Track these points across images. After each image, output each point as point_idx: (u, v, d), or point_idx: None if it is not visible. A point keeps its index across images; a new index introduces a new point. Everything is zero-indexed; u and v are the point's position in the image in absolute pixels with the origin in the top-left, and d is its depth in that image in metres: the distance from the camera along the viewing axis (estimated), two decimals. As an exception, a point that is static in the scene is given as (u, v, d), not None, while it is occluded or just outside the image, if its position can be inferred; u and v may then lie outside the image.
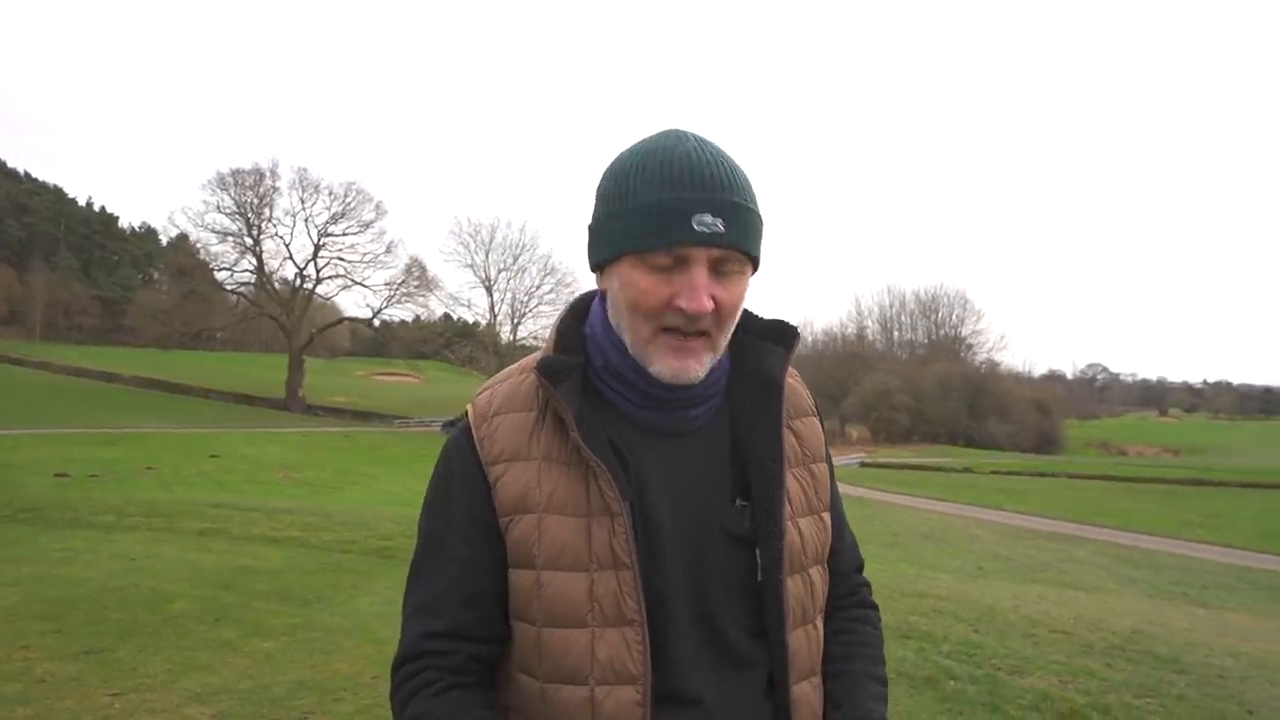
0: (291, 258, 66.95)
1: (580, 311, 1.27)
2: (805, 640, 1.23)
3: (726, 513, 1.18)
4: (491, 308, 68.03)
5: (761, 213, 1.13)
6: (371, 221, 66.43)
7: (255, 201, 63.29)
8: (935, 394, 79.04)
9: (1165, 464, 65.88)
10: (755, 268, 1.16)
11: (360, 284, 67.76)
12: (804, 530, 1.23)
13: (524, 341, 68.74)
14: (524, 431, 1.17)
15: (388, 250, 67.22)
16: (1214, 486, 42.44)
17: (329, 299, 72.72)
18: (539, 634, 1.14)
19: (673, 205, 1.07)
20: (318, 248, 66.21)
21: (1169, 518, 29.56)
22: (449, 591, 1.17)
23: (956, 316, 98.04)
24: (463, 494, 1.18)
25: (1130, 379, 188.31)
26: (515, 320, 68.11)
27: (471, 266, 67.17)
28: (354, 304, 79.57)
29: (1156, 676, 5.54)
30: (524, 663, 1.17)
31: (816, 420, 1.33)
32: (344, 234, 66.49)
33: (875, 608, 1.42)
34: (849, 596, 1.37)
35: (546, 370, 1.16)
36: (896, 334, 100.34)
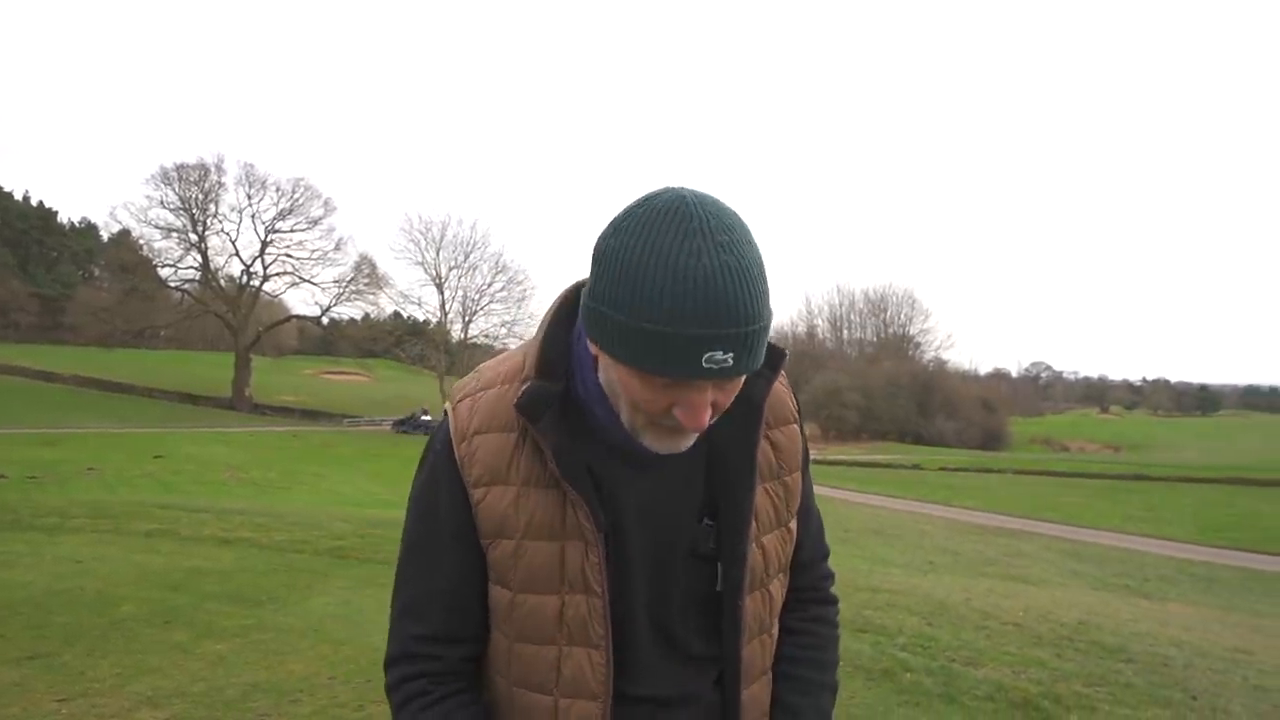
0: (238, 254, 65.99)
1: (568, 311, 1.21)
2: (759, 649, 1.28)
3: (693, 532, 1.21)
4: (442, 305, 67.64)
5: (772, 315, 1.04)
6: (320, 218, 65.72)
7: (200, 197, 62.28)
8: (884, 392, 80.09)
9: (1107, 460, 67.49)
10: None
11: (308, 281, 67.03)
12: (768, 546, 1.26)
13: (475, 340, 68.36)
14: (504, 454, 1.17)
15: (337, 247, 66.57)
16: (1153, 481, 43.58)
17: (276, 296, 71.77)
18: (511, 646, 1.20)
19: (683, 341, 0.97)
20: (265, 244, 65.34)
21: (1111, 512, 30.30)
22: (435, 597, 1.21)
23: (905, 315, 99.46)
24: (448, 505, 1.19)
25: (1073, 377, 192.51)
26: (466, 318, 67.77)
27: (422, 264, 66.80)
28: (302, 302, 78.93)
29: (1104, 666, 5.66)
30: (497, 666, 1.23)
31: (797, 427, 1.32)
32: (292, 231, 65.72)
33: (835, 602, 1.44)
34: (810, 591, 1.39)
35: (525, 409, 1.13)
36: (846, 333, 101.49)
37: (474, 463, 1.17)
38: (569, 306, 1.20)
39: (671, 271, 0.96)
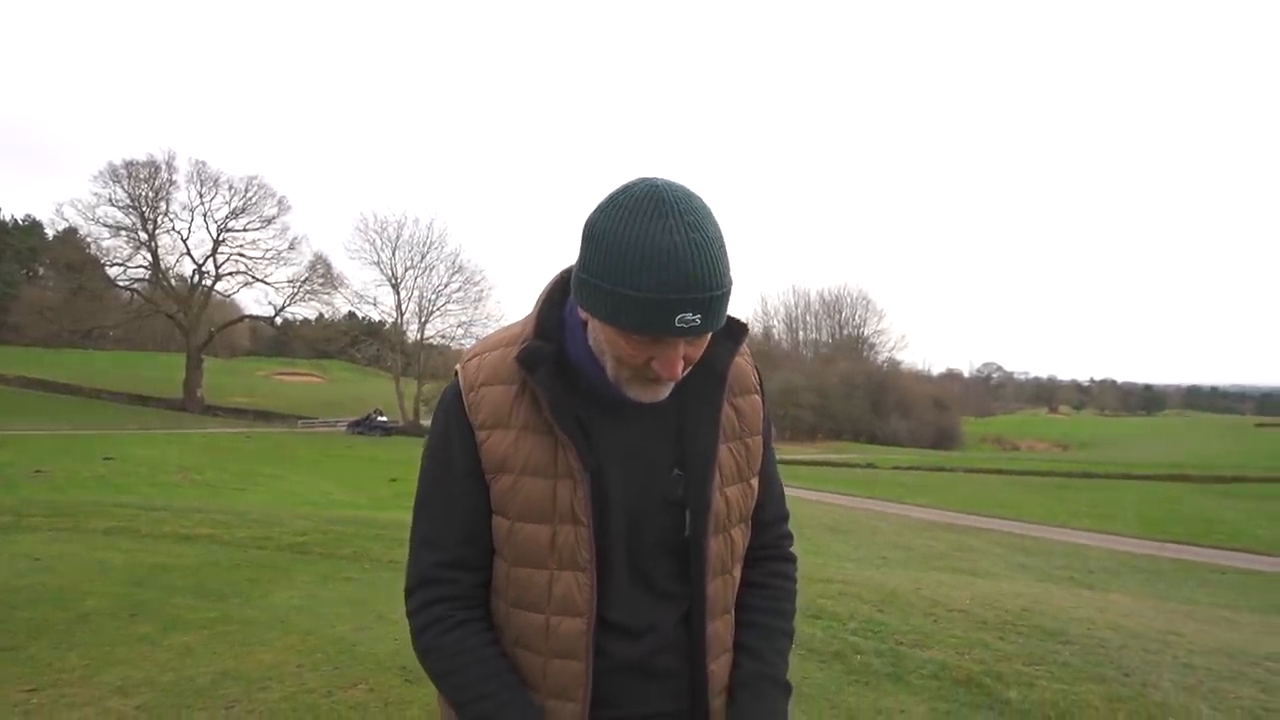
0: (189, 253, 64.99)
1: (560, 290, 1.42)
2: (722, 587, 1.46)
3: (665, 481, 1.40)
4: (398, 306, 67.16)
5: (732, 282, 1.25)
6: (274, 217, 64.99)
7: (150, 195, 61.26)
8: (839, 392, 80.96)
9: (1055, 458, 68.85)
10: None
11: (262, 281, 66.23)
12: (730, 497, 1.45)
13: (431, 340, 67.90)
14: (506, 403, 1.36)
15: (291, 247, 65.83)
16: (1099, 479, 44.51)
17: (229, 296, 70.77)
18: (509, 570, 1.39)
19: (658, 305, 1.18)
20: (217, 243, 64.46)
21: (1058, 508, 30.95)
22: (451, 528, 1.39)
23: (859, 317, 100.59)
24: (460, 447, 1.38)
25: (1023, 377, 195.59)
26: (423, 318, 67.29)
27: (378, 264, 66.24)
28: (255, 302, 77.80)
29: (1044, 647, 5.93)
30: (496, 588, 1.41)
31: (758, 397, 1.52)
32: (245, 230, 64.94)
33: (793, 560, 1.63)
34: (770, 548, 1.58)
35: (524, 361, 1.34)
36: (802, 334, 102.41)
37: (480, 409, 1.37)
38: (561, 284, 1.42)
39: (648, 247, 1.18)
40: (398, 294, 66.66)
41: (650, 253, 1.17)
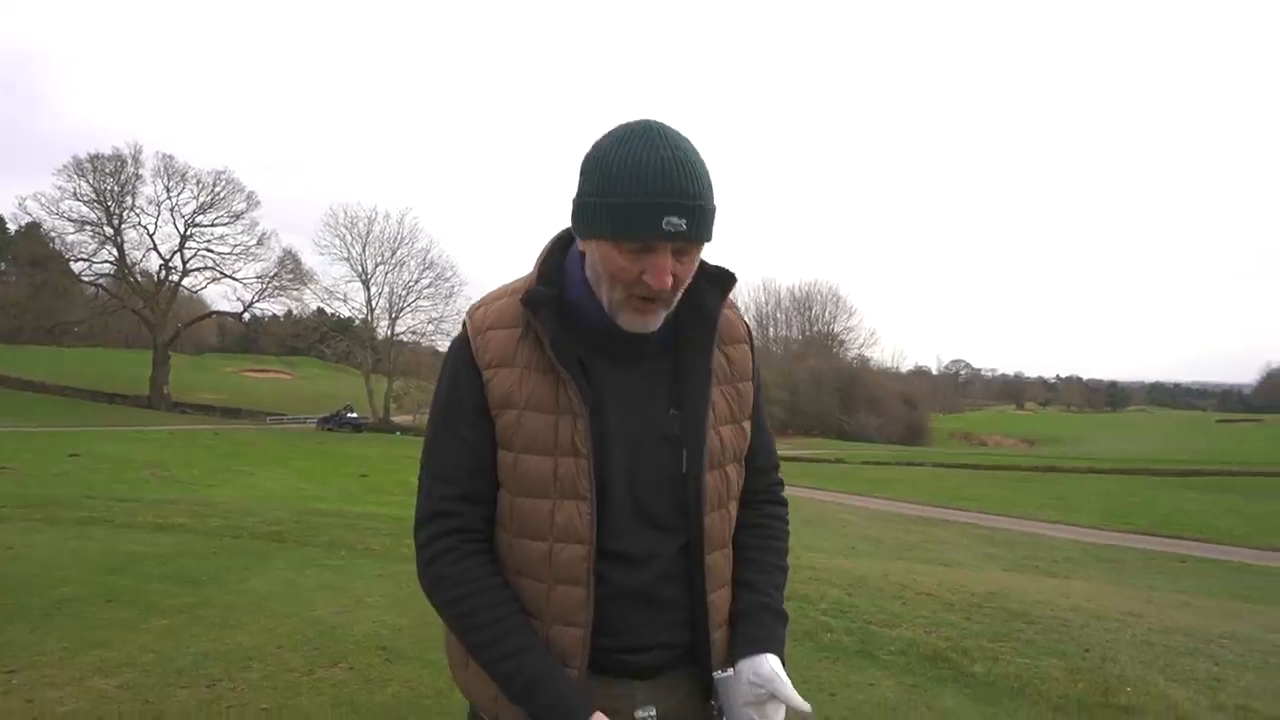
0: (156, 248, 64.12)
1: (561, 245, 1.53)
2: (719, 520, 1.53)
3: (662, 419, 1.48)
4: (369, 302, 66.65)
5: (716, 203, 1.38)
6: (243, 212, 64.35)
7: (116, 189, 60.33)
8: (809, 388, 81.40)
9: (1021, 453, 69.77)
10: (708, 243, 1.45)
11: (230, 277, 65.51)
12: (724, 435, 1.53)
13: (401, 336, 67.53)
14: (510, 344, 1.46)
15: (260, 242, 65.17)
16: (1064, 473, 45.26)
17: (196, 292, 69.89)
18: (513, 501, 1.46)
19: (645, 208, 1.30)
20: (184, 238, 63.70)
21: (1024, 501, 31.45)
22: (461, 462, 1.47)
23: (829, 313, 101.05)
24: (467, 387, 1.47)
25: (990, 374, 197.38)
26: (394, 314, 66.92)
27: (348, 259, 65.68)
28: (223, 298, 76.86)
29: (1009, 626, 6.11)
30: (501, 521, 1.49)
31: (747, 346, 1.62)
32: (213, 225, 64.21)
33: (785, 504, 1.73)
34: (764, 493, 1.67)
35: (529, 301, 1.44)
36: (772, 330, 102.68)
37: (486, 351, 1.46)
38: (561, 241, 1.52)
39: (636, 162, 1.31)
40: (368, 290, 66.29)
41: (637, 166, 1.31)
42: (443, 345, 65.07)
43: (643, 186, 1.30)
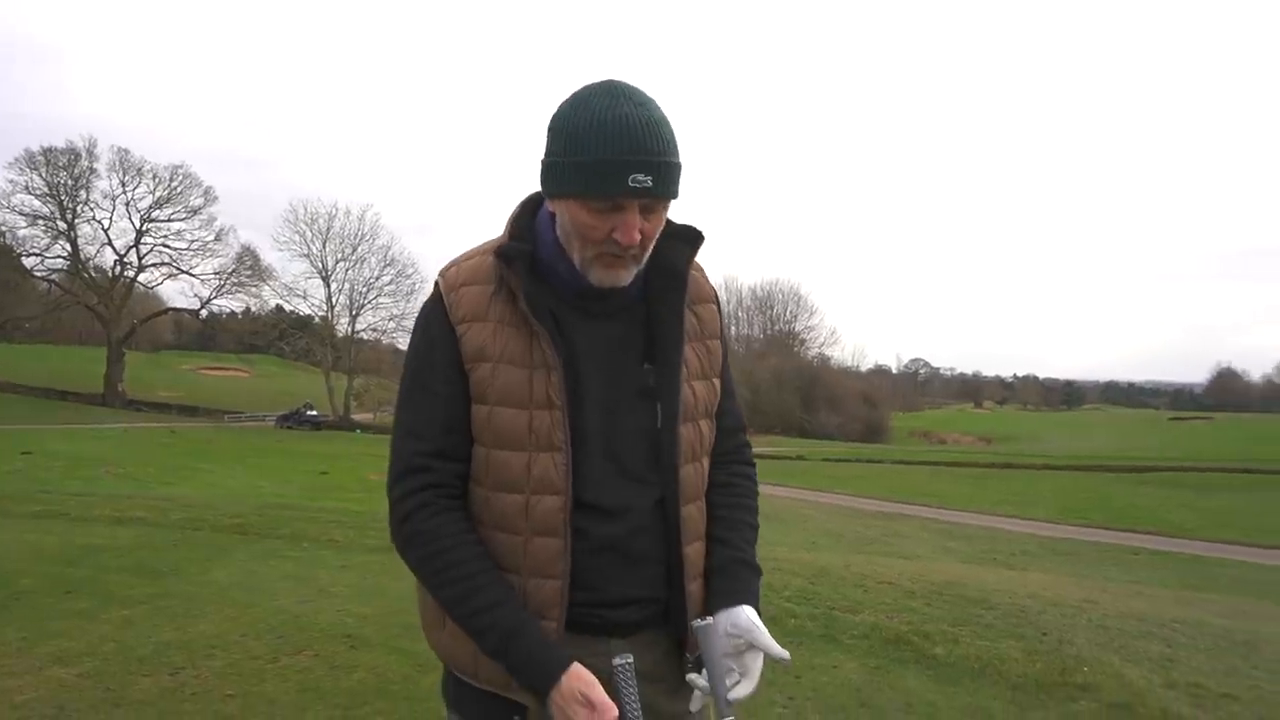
0: (110, 244, 62.99)
1: (531, 206, 1.54)
2: (693, 473, 1.56)
3: (637, 374, 1.51)
4: (329, 299, 65.92)
5: (681, 160, 1.41)
6: (200, 207, 63.36)
7: (69, 183, 59.20)
8: (770, 387, 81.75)
9: (980, 451, 70.52)
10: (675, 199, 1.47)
11: (187, 273, 64.50)
12: (697, 390, 1.56)
13: (362, 334, 66.96)
14: (484, 300, 1.47)
15: (217, 238, 64.23)
16: (1021, 470, 45.89)
17: (152, 288, 68.73)
18: (488, 454, 1.46)
19: (612, 166, 1.32)
20: (140, 234, 62.61)
21: (982, 497, 31.90)
22: (434, 418, 1.47)
23: (791, 312, 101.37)
24: (440, 343, 1.47)
25: (949, 373, 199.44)
26: (354, 312, 66.32)
27: (308, 256, 64.98)
28: (180, 294, 75.10)
29: (968, 612, 6.21)
30: (476, 476, 1.49)
31: (714, 306, 1.65)
32: (169, 220, 63.16)
33: (753, 464, 1.76)
34: (733, 453, 1.70)
35: (503, 254, 1.45)
36: (734, 329, 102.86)
37: (459, 306, 1.47)
38: (531, 203, 1.55)
39: (601, 120, 1.33)
40: (328, 287, 65.61)
41: (602, 124, 1.33)
42: (403, 343, 64.49)
43: (609, 145, 1.32)
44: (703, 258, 1.61)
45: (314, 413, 60.97)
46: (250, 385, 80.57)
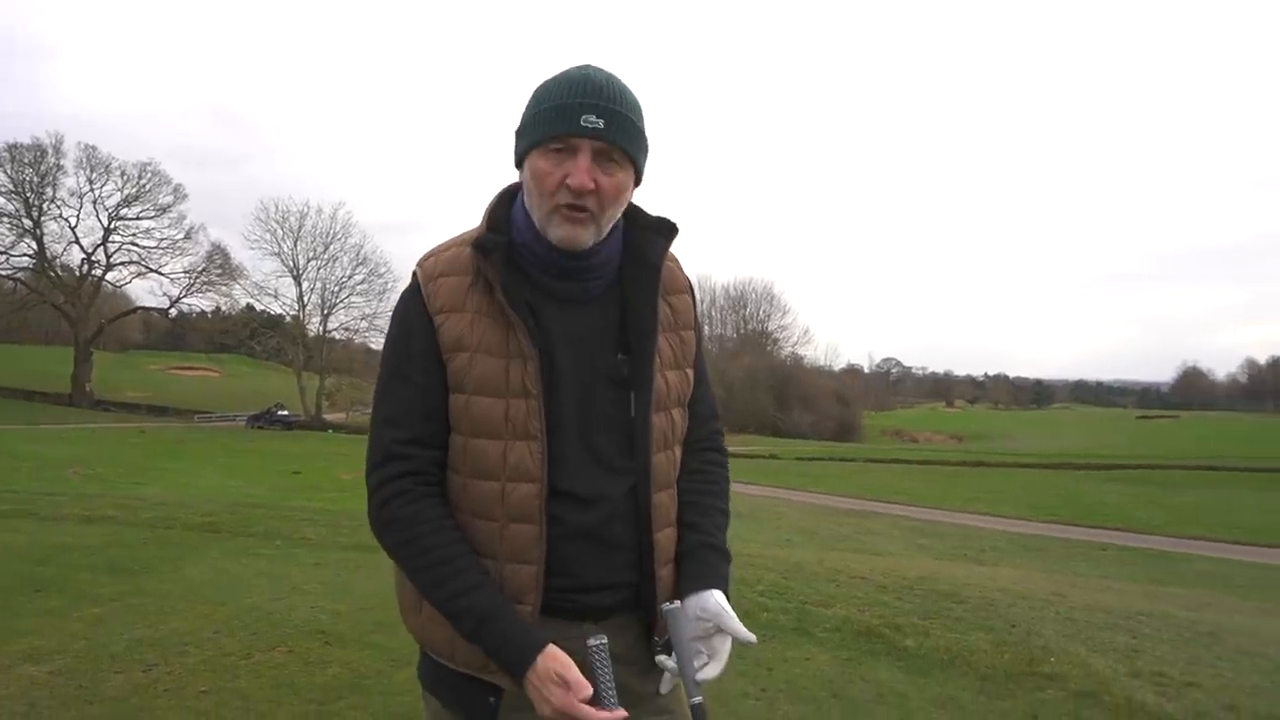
0: (78, 242, 62.11)
1: (507, 198, 1.58)
2: (665, 461, 1.59)
3: (611, 363, 1.54)
4: (300, 298, 65.25)
5: (646, 132, 1.48)
6: (169, 205, 62.64)
7: (36, 180, 58.40)
8: (744, 386, 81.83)
9: (951, 449, 71.15)
10: (637, 174, 1.51)
11: (156, 271, 63.73)
12: (670, 380, 1.59)
13: (334, 333, 66.42)
14: (461, 291, 1.49)
15: (187, 236, 63.56)
16: (991, 467, 46.34)
17: (120, 287, 67.85)
18: (466, 442, 1.49)
19: (565, 109, 1.40)
20: (108, 232, 61.83)
21: (953, 494, 32.19)
22: (412, 407, 1.50)
23: (764, 312, 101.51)
24: (418, 334, 1.50)
25: (921, 373, 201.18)
26: (325, 311, 65.67)
27: (279, 255, 64.18)
28: (149, 293, 73.94)
29: (939, 605, 6.29)
30: (453, 463, 1.52)
31: (689, 297, 1.68)
32: (138, 218, 62.45)
33: (725, 452, 1.79)
34: (705, 441, 1.73)
35: (480, 246, 1.48)
36: (707, 328, 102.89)
37: (437, 297, 1.49)
38: (507, 193, 1.58)
39: (563, 77, 1.46)
40: (299, 286, 64.91)
41: (565, 79, 1.45)
42: (375, 343, 64.31)
43: (565, 92, 1.42)
44: (675, 256, 1.65)
45: (285, 413, 60.51)
46: (221, 385, 79.89)
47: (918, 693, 4.31)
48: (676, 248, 1.62)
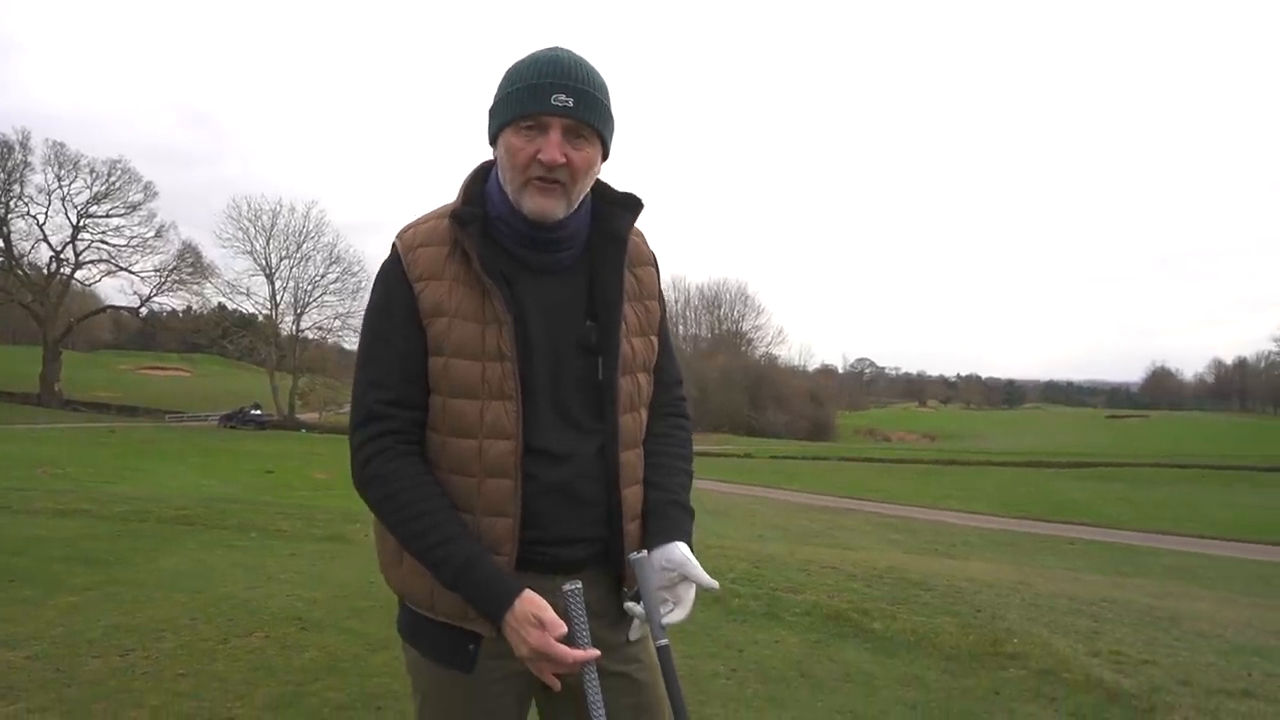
0: (46, 239, 61.30)
1: (482, 173, 1.67)
2: (631, 422, 1.69)
3: (580, 330, 1.63)
4: (273, 297, 64.77)
5: (612, 109, 1.57)
6: (140, 203, 61.95)
7: (2, 177, 57.56)
8: (718, 385, 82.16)
9: (923, 448, 71.73)
10: (605, 149, 1.60)
11: (126, 270, 63.05)
12: (635, 346, 1.69)
13: (307, 332, 66.01)
14: (440, 260, 1.58)
15: (158, 234, 62.86)
16: (964, 466, 46.79)
17: (89, 285, 67.08)
18: (444, 403, 1.57)
19: (537, 89, 1.49)
20: (77, 229, 61.07)
21: (925, 492, 32.51)
22: (393, 370, 1.58)
23: (738, 312, 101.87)
24: (399, 300, 1.58)
25: (894, 373, 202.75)
26: (299, 310, 65.18)
27: (251, 253, 63.68)
28: (119, 291, 73.17)
29: (907, 592, 6.41)
30: (432, 423, 1.60)
31: (653, 269, 1.78)
32: (108, 215, 61.73)
33: (688, 417, 1.88)
34: (669, 406, 1.82)
35: (457, 218, 1.57)
36: (681, 328, 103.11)
37: (416, 265, 1.58)
38: (482, 169, 1.67)
39: (533, 58, 1.55)
40: (272, 285, 64.43)
41: (535, 60, 1.54)
42: (349, 342, 64.01)
43: (536, 73, 1.51)
44: (641, 231, 1.74)
45: (259, 412, 60.09)
46: (192, 385, 79.23)
47: (884, 672, 4.42)
48: (644, 225, 1.72)
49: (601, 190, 1.67)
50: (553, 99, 1.48)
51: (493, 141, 1.60)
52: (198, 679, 4.04)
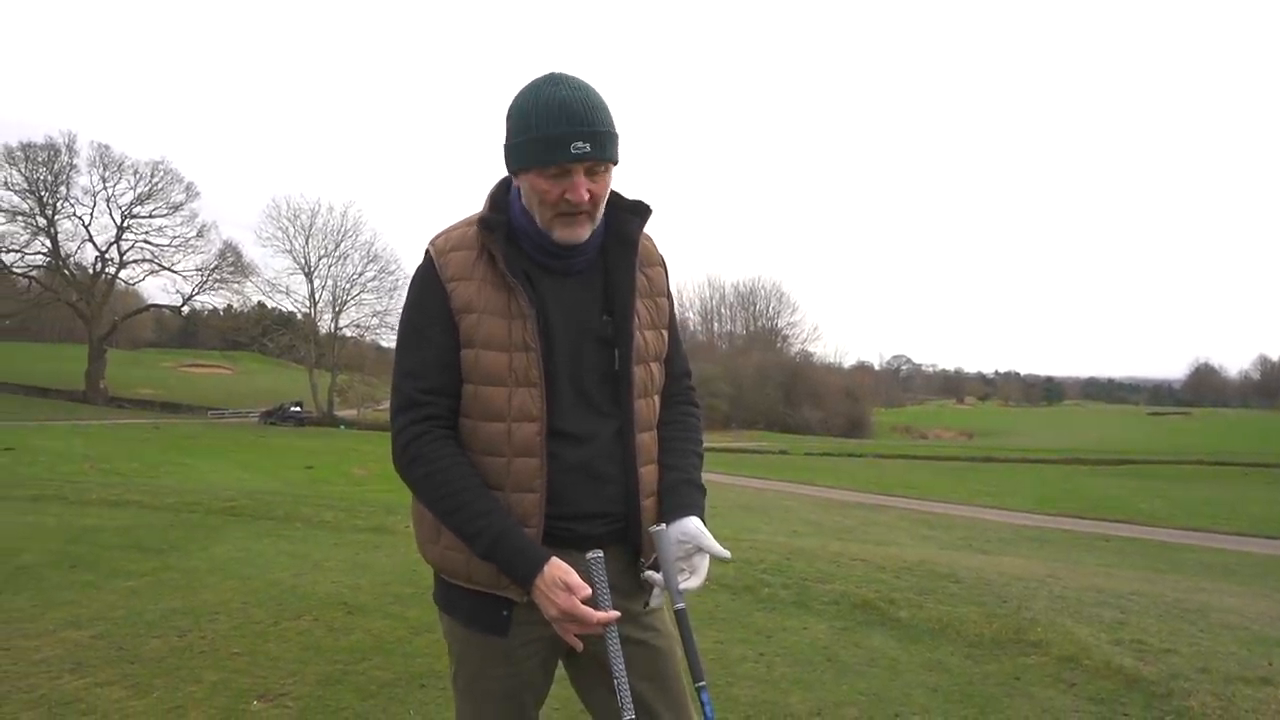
0: (91, 240, 62.78)
1: (505, 184, 1.85)
2: (645, 407, 1.88)
3: (597, 324, 1.82)
4: (311, 295, 65.67)
5: (617, 128, 1.72)
6: (182, 203, 63.21)
7: (49, 179, 58.97)
8: (753, 382, 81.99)
9: (960, 445, 71.14)
10: (615, 164, 1.77)
11: (169, 269, 64.29)
12: (647, 338, 1.87)
13: (345, 330, 66.82)
14: (469, 262, 1.77)
15: (199, 234, 64.10)
16: (1000, 463, 46.39)
17: (133, 285, 68.49)
18: (476, 390, 1.76)
19: (556, 140, 1.63)
20: (121, 230, 62.38)
21: (961, 488, 32.26)
22: (429, 360, 1.76)
23: (773, 309, 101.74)
24: (433, 299, 1.77)
25: (931, 369, 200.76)
26: (337, 308, 66.03)
27: (290, 252, 64.70)
28: (161, 290, 74.76)
29: (935, 583, 6.50)
30: (464, 409, 1.78)
31: (662, 269, 1.97)
32: (150, 216, 63.00)
33: (698, 405, 2.09)
34: (680, 395, 2.03)
35: (485, 224, 1.76)
36: (717, 325, 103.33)
37: (449, 268, 1.77)
38: (505, 181, 1.85)
39: (543, 103, 1.66)
40: (311, 283, 65.39)
41: (547, 106, 1.65)
42: (386, 340, 64.84)
43: (552, 122, 1.63)
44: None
45: (298, 409, 60.96)
46: (233, 382, 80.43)
47: (908, 658, 4.55)
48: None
49: (613, 198, 1.84)
50: (572, 148, 1.63)
51: (511, 174, 1.77)
52: (252, 658, 4.27)
